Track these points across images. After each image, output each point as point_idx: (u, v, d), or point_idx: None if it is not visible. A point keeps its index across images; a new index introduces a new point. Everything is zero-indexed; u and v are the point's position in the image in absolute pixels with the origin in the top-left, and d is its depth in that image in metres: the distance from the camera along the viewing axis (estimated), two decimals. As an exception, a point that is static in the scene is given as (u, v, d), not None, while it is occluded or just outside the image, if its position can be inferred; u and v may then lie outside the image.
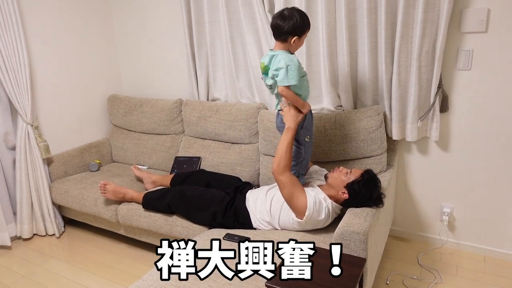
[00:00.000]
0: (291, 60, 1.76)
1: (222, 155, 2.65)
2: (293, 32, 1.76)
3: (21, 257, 2.55)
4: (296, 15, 1.75)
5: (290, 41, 1.78)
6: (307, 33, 1.83)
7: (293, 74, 1.76)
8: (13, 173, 2.71)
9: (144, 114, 3.02)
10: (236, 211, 2.07)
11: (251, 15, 2.48)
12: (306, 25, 1.79)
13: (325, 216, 1.86)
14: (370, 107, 2.24)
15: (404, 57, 2.13)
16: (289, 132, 1.85)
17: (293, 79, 1.76)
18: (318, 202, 1.85)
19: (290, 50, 1.84)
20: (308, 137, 1.97)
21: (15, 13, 2.46)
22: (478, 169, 2.26)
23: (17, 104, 2.56)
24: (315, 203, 1.83)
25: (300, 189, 1.86)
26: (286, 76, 1.75)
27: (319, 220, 1.87)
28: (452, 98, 2.21)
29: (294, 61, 1.77)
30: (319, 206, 1.85)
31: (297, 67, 1.78)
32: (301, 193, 1.85)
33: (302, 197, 1.84)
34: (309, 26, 1.82)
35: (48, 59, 2.82)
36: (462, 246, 2.41)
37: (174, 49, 3.04)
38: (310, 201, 1.83)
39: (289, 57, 1.77)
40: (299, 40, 1.80)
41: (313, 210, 1.83)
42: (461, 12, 2.05)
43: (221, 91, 2.84)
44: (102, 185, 2.41)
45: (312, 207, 1.82)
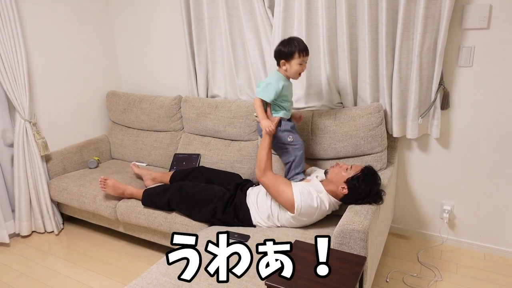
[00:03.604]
0: (275, 81, 1.95)
1: (221, 152, 2.64)
2: (278, 56, 1.97)
3: (20, 255, 2.54)
4: (284, 41, 1.95)
5: (282, 65, 1.97)
6: (298, 58, 1.92)
7: (270, 92, 1.94)
8: (11, 170, 2.70)
9: (143, 111, 3.00)
10: (236, 207, 2.07)
11: (251, 11, 2.46)
12: (293, 49, 1.91)
13: (317, 204, 1.87)
14: (370, 104, 2.23)
15: (405, 53, 2.11)
16: (266, 138, 1.99)
17: (267, 96, 1.96)
18: (307, 192, 1.88)
19: (287, 74, 1.99)
20: (290, 137, 2.05)
21: (12, 9, 2.44)
22: (479, 167, 2.25)
23: (14, 100, 2.55)
24: (302, 193, 1.87)
25: (284, 184, 1.92)
26: (262, 90, 1.96)
27: (313, 208, 1.87)
28: (453, 95, 2.20)
29: (277, 83, 1.95)
30: (308, 195, 1.87)
31: (276, 91, 1.94)
32: (287, 188, 1.90)
33: (288, 190, 1.89)
34: (299, 51, 1.91)
35: (46, 56, 2.80)
36: (462, 244, 2.41)
37: (173, 45, 3.02)
38: (296, 193, 1.87)
39: (275, 78, 1.97)
40: (288, 64, 1.95)
41: (301, 200, 1.86)
42: (462, 8, 2.03)
43: (220, 88, 2.83)
44: (102, 180, 2.41)
45: (299, 198, 1.86)
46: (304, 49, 1.93)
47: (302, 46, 1.93)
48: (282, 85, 1.96)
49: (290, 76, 2.00)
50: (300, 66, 1.95)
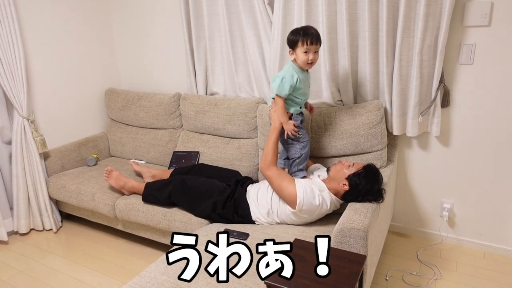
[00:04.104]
0: (289, 75, 1.89)
1: (220, 150, 2.63)
2: (288, 45, 1.92)
3: (18, 252, 2.53)
4: (293, 29, 1.90)
5: (290, 54, 1.93)
6: (302, 46, 1.85)
7: (285, 87, 1.89)
8: (9, 167, 2.69)
9: (142, 108, 2.99)
10: (236, 203, 2.08)
11: (251, 8, 2.44)
12: (296, 38, 1.85)
13: (319, 202, 1.87)
14: (370, 102, 2.22)
15: (406, 51, 2.10)
16: (274, 131, 1.99)
17: (282, 91, 1.90)
18: (310, 190, 1.88)
19: (299, 64, 1.92)
20: (300, 133, 2.02)
21: (10, 5, 2.42)
22: (479, 165, 2.24)
23: (12, 98, 2.53)
24: (305, 191, 1.87)
25: (288, 180, 1.92)
26: (278, 86, 1.90)
27: (315, 206, 1.87)
28: (453, 93, 2.19)
29: (292, 77, 1.89)
30: (311, 193, 1.87)
31: (291, 85, 1.89)
32: (290, 183, 1.90)
33: (291, 186, 1.89)
34: (302, 39, 1.84)
35: (44, 52, 2.78)
36: (462, 242, 2.41)
37: (172, 42, 3.00)
38: (299, 189, 1.87)
39: (289, 72, 1.90)
40: (295, 53, 1.89)
41: (304, 197, 1.86)
42: (464, 5, 2.02)
43: (219, 85, 2.81)
44: (108, 170, 2.45)
45: (302, 195, 1.86)
46: (309, 36, 1.82)
47: (306, 33, 1.82)
48: (296, 78, 1.89)
49: (300, 66, 1.90)
50: (306, 55, 1.84)
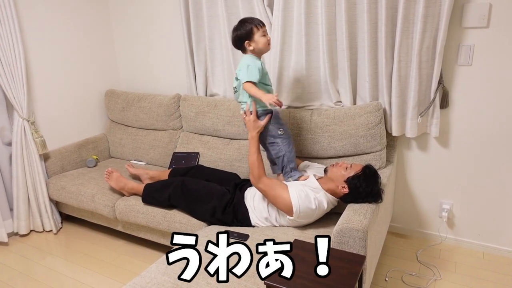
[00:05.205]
0: (252, 62, 1.92)
1: (220, 151, 2.63)
2: (240, 42, 1.95)
3: (18, 254, 2.53)
4: (235, 27, 1.96)
5: (247, 46, 1.94)
6: (258, 30, 1.91)
7: (254, 72, 1.90)
8: (9, 168, 2.69)
9: (141, 110, 2.99)
10: (235, 208, 2.07)
11: (250, 10, 2.45)
12: (249, 27, 1.91)
13: (316, 205, 1.86)
14: (369, 103, 2.23)
15: (405, 52, 2.11)
16: (252, 141, 1.98)
17: (253, 76, 1.90)
18: (304, 195, 1.85)
19: (256, 53, 1.96)
20: (281, 130, 2.01)
21: (10, 6, 2.42)
22: (478, 166, 2.25)
23: (12, 99, 2.53)
24: (299, 197, 1.84)
25: (281, 189, 1.89)
26: (246, 73, 1.90)
27: (312, 210, 1.86)
28: (452, 94, 2.20)
29: (254, 62, 1.92)
30: (306, 198, 1.85)
31: (258, 68, 1.91)
32: (284, 192, 1.87)
33: (285, 195, 1.86)
34: (255, 25, 1.91)
35: (44, 53, 2.79)
36: (461, 243, 2.41)
37: (172, 43, 3.01)
38: (293, 197, 1.84)
39: (249, 60, 1.93)
40: (253, 41, 1.93)
41: (299, 204, 1.84)
42: (462, 7, 2.03)
43: (219, 87, 2.82)
44: (109, 171, 2.46)
45: (297, 202, 1.84)
46: (256, 21, 1.94)
47: (253, 20, 1.94)
48: (259, 62, 1.95)
49: (262, 49, 1.96)
50: (265, 37, 1.93)
